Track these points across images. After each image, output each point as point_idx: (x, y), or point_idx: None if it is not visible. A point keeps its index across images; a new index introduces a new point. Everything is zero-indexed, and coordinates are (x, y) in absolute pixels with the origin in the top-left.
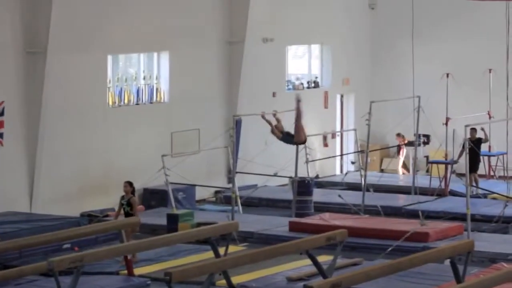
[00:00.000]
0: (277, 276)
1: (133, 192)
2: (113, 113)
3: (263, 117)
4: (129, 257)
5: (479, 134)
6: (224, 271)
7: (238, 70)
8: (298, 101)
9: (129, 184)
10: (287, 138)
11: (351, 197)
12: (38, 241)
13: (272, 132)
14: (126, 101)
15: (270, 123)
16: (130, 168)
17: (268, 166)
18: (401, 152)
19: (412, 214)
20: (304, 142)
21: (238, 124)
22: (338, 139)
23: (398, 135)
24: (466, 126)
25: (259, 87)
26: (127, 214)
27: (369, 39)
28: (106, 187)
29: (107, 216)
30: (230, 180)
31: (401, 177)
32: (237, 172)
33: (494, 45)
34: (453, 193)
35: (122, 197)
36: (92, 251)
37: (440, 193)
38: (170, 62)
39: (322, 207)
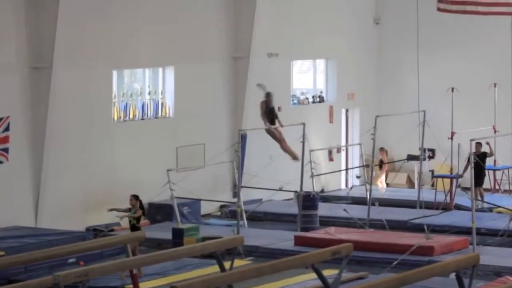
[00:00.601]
0: None
1: (141, 206)
2: (119, 128)
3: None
4: (134, 271)
5: (484, 148)
6: (229, 286)
7: (243, 85)
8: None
9: (135, 197)
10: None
11: (357, 211)
12: (43, 256)
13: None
14: (131, 116)
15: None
16: (135, 183)
17: (273, 181)
18: (383, 167)
19: (418, 228)
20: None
21: (243, 138)
22: (343, 153)
23: (382, 149)
24: (471, 140)
25: None
26: (133, 228)
27: (374, 53)
28: (112, 202)
29: (112, 230)
30: (236, 194)
31: (383, 190)
32: (242, 187)
33: (499, 60)
34: (459, 207)
35: (129, 209)
36: (98, 265)
37: (445, 207)
38: (176, 77)
39: (327, 221)
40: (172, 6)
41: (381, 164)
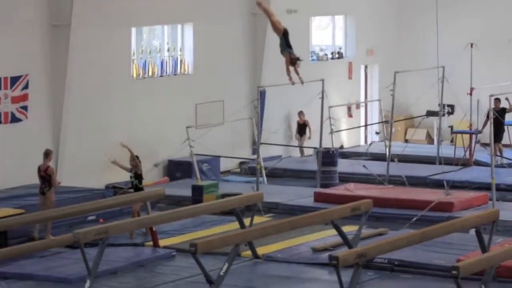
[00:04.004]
0: (302, 246)
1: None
2: (137, 85)
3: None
4: (154, 228)
5: (503, 104)
6: (249, 242)
7: (262, 41)
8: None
9: (137, 158)
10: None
11: (376, 168)
12: (63, 213)
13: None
14: (150, 73)
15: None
16: (154, 140)
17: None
18: (306, 132)
19: (437, 184)
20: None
21: (262, 95)
22: (362, 109)
23: (300, 113)
24: (491, 96)
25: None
26: (137, 189)
27: (393, 10)
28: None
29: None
30: (255, 151)
31: (305, 158)
32: (261, 143)
33: None
34: (478, 163)
35: (130, 170)
36: (117, 222)
37: (465, 163)
38: (194, 34)
39: (346, 178)
40: None
41: (299, 128)
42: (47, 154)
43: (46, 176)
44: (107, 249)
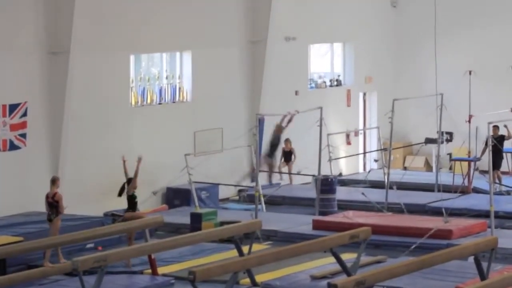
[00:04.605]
0: (301, 274)
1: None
2: (136, 113)
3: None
4: (152, 256)
5: (502, 131)
6: (248, 270)
7: (261, 69)
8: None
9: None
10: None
11: (375, 195)
12: (62, 241)
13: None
14: (148, 100)
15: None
16: (153, 168)
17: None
18: (292, 158)
19: (436, 212)
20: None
21: (261, 122)
22: (361, 137)
23: (287, 141)
24: (489, 123)
25: (281, 86)
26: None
27: (391, 37)
28: None
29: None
30: (254, 179)
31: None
32: (260, 171)
33: None
34: (476, 190)
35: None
36: (116, 250)
37: (463, 190)
38: (193, 62)
39: (345, 205)
40: None
41: (285, 155)
42: (54, 181)
43: (53, 203)
44: (105, 277)
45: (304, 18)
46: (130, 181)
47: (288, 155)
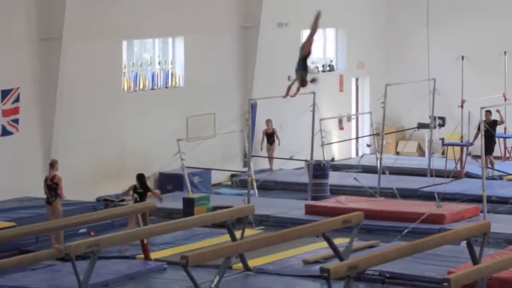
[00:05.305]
0: (294, 259)
1: (143, 186)
2: (129, 98)
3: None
4: (145, 241)
5: (495, 116)
6: (240, 255)
7: (253, 54)
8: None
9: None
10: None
11: (367, 180)
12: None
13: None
14: (141, 86)
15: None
16: (145, 153)
17: (284, 150)
18: (274, 143)
19: (428, 196)
20: (307, 54)
21: (253, 108)
22: (353, 122)
23: (268, 121)
24: (482, 108)
25: (274, 71)
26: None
27: (383, 22)
28: (122, 172)
29: (122, 200)
30: (246, 163)
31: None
32: (252, 156)
33: (509, 28)
34: (469, 175)
35: (135, 188)
36: (109, 235)
37: (456, 175)
38: (185, 47)
39: (338, 190)
40: None
41: (268, 137)
42: (52, 164)
43: (52, 185)
44: (98, 262)
45: (296, 4)
46: (139, 177)
47: (271, 137)
